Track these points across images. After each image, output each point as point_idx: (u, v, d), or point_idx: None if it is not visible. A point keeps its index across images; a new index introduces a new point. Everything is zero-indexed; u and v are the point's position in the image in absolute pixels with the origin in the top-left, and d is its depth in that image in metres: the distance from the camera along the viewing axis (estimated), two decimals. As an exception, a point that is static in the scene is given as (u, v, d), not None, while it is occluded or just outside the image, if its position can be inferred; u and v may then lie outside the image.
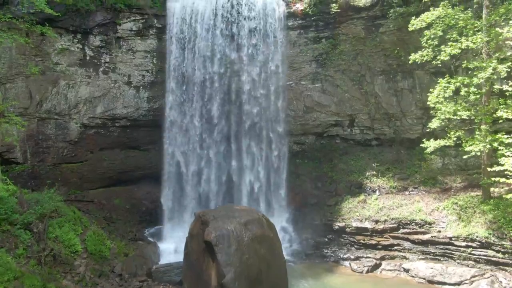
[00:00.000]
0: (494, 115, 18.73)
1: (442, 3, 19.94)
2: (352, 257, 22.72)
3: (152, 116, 27.19)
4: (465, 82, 18.97)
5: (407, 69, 24.96)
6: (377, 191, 25.36)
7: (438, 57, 19.76)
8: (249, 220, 16.70)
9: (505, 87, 17.67)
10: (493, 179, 18.62)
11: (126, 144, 27.64)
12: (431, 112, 21.09)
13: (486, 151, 19.28)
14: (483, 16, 19.73)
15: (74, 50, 24.16)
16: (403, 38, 24.46)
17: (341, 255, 23.08)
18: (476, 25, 19.43)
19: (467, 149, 18.88)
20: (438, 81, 20.04)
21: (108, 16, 24.74)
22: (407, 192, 24.63)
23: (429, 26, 20.46)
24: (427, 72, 24.57)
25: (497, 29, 17.96)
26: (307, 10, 26.50)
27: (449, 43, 19.47)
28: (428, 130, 21.69)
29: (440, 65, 20.91)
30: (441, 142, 20.39)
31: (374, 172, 26.23)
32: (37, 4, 17.31)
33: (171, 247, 23.60)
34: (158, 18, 26.20)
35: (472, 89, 18.77)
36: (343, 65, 26.93)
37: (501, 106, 18.28)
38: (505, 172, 17.57)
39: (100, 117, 25.82)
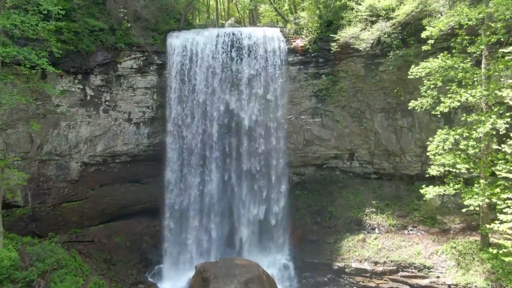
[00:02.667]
0: (493, 168, 18.83)
1: (441, 54, 20.00)
2: (352, 300, 22.89)
3: (152, 151, 27.27)
4: (464, 135, 19.06)
5: (406, 108, 24.74)
6: (377, 229, 25.49)
7: (437, 108, 19.83)
8: (249, 279, 16.82)
9: (504, 147, 17.69)
10: (492, 238, 18.73)
11: (126, 178, 27.65)
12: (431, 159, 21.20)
13: (485, 205, 19.41)
14: (482, 65, 19.81)
15: (75, 90, 24.14)
16: (402, 77, 24.49)
17: (341, 297, 23.24)
18: (475, 75, 19.49)
19: (466, 202, 18.99)
20: (437, 132, 20.16)
21: (108, 55, 24.77)
22: (406, 232, 24.77)
23: (428, 74, 20.53)
24: (426, 112, 24.53)
25: (496, 91, 18.01)
26: (307, 46, 26.68)
27: (449, 95, 19.56)
28: (427, 176, 21.70)
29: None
30: (440, 190, 20.50)
31: (374, 209, 26.35)
32: (39, 63, 17.31)
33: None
34: (159, 54, 26.28)
35: (471, 142, 18.85)
36: (343, 101, 27.04)
37: (500, 162, 18.35)
38: (504, 235, 17.67)
39: (100, 155, 25.84)
